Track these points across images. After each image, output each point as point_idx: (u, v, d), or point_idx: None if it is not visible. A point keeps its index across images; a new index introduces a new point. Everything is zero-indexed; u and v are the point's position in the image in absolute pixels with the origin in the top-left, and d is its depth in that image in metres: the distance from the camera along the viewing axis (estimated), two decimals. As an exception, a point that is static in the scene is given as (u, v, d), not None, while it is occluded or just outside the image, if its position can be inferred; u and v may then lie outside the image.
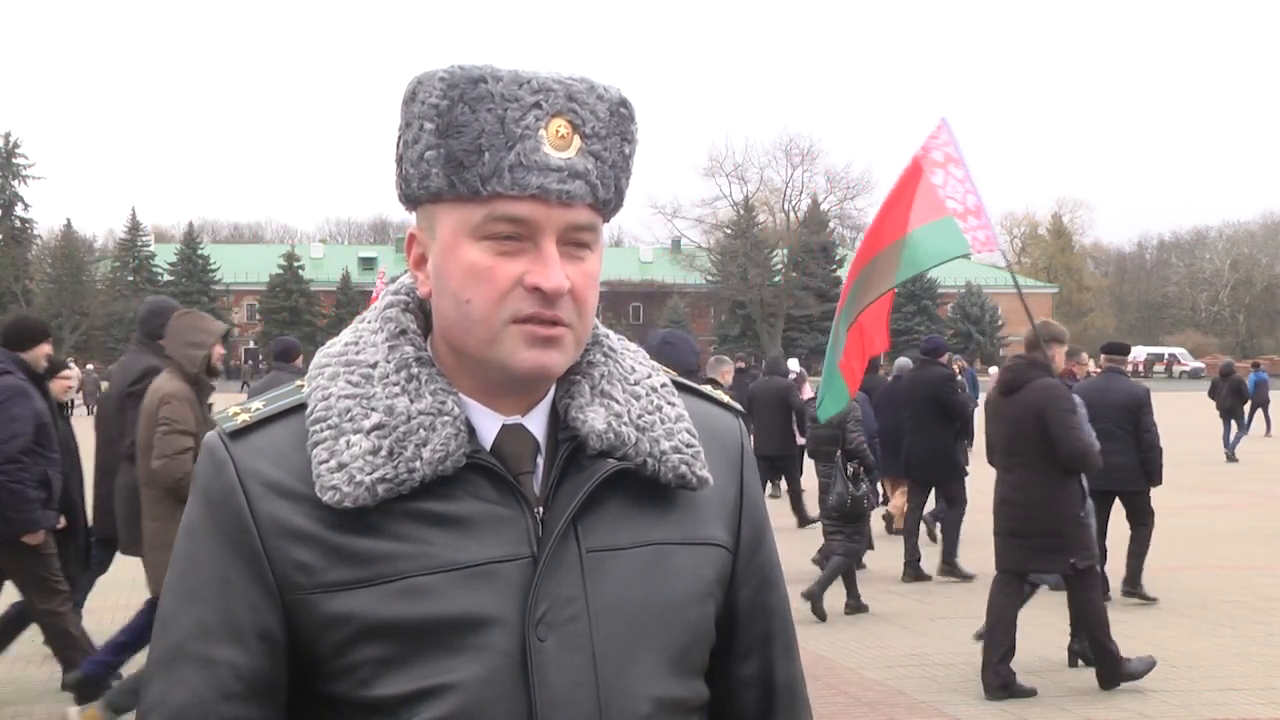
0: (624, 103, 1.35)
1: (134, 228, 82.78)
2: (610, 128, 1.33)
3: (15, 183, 77.06)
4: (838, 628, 8.86)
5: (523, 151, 1.28)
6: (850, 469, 9.26)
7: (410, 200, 1.36)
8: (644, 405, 1.40)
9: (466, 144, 1.28)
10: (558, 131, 1.30)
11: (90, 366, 49.63)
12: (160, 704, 1.30)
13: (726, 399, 1.55)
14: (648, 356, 1.48)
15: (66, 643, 6.69)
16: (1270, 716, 6.89)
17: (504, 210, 1.29)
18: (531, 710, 1.27)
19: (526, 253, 1.30)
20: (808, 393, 14.06)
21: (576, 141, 1.31)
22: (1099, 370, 10.59)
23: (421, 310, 1.41)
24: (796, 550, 11.34)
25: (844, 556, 9.39)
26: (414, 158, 1.32)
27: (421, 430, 1.30)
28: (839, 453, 9.34)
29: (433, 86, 1.30)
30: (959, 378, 12.51)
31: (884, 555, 11.35)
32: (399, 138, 1.34)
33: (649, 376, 1.44)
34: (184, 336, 6.28)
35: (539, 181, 1.28)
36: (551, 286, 1.28)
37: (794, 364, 17.51)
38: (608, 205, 1.35)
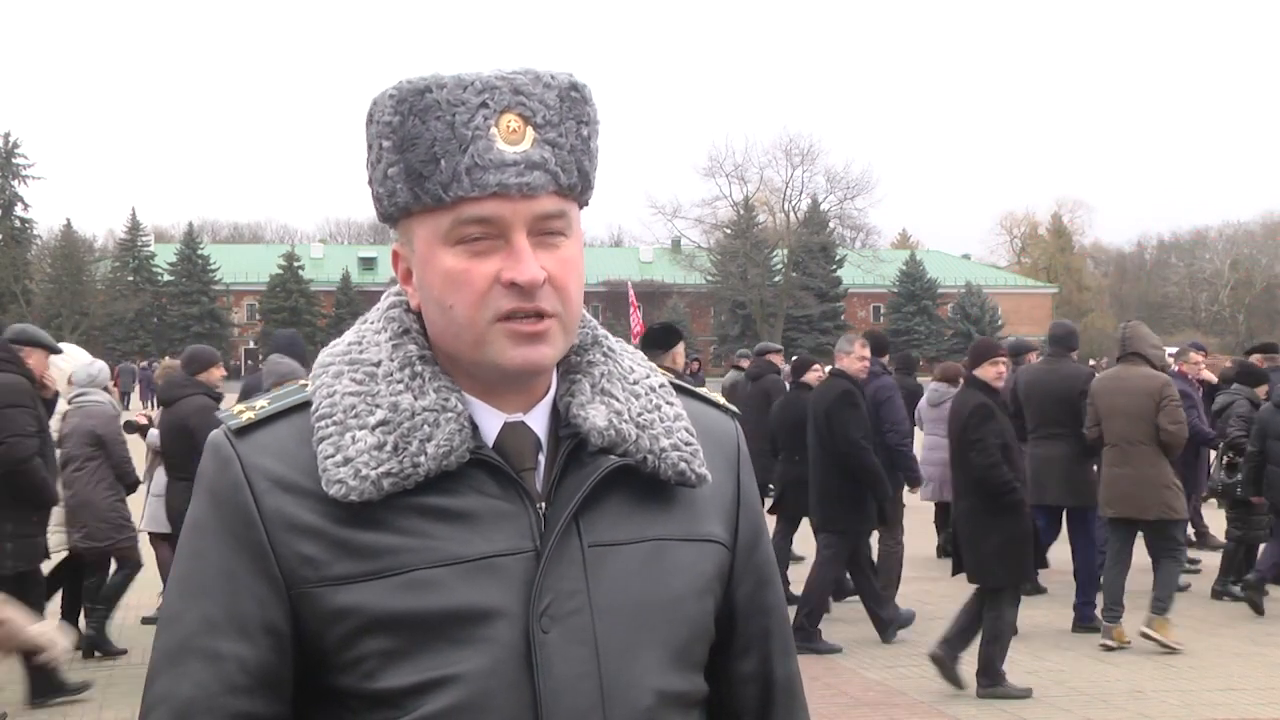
0: (574, 86, 1.36)
1: (134, 228, 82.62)
2: (563, 113, 1.34)
3: (15, 183, 76.94)
4: (837, 628, 8.87)
5: (476, 152, 1.30)
6: (1226, 458, 9.90)
7: (387, 218, 1.39)
8: (643, 404, 1.42)
9: (422, 155, 1.30)
10: (508, 126, 1.31)
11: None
12: (166, 698, 1.31)
13: (723, 400, 1.58)
14: (646, 358, 1.50)
15: None
16: (1270, 716, 6.90)
17: (469, 213, 1.31)
18: (536, 702, 1.29)
19: (499, 250, 1.32)
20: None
21: (529, 133, 1.32)
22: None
23: None
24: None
25: (1233, 542, 10.17)
26: (380, 177, 1.35)
27: (426, 426, 1.32)
28: (1221, 443, 9.88)
29: (385, 105, 1.33)
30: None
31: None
32: (366, 159, 1.37)
33: (647, 377, 1.46)
34: None
35: (497, 179, 1.30)
36: (526, 279, 1.30)
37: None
38: (574, 190, 1.36)
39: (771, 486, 12.17)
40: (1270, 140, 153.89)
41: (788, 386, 10.98)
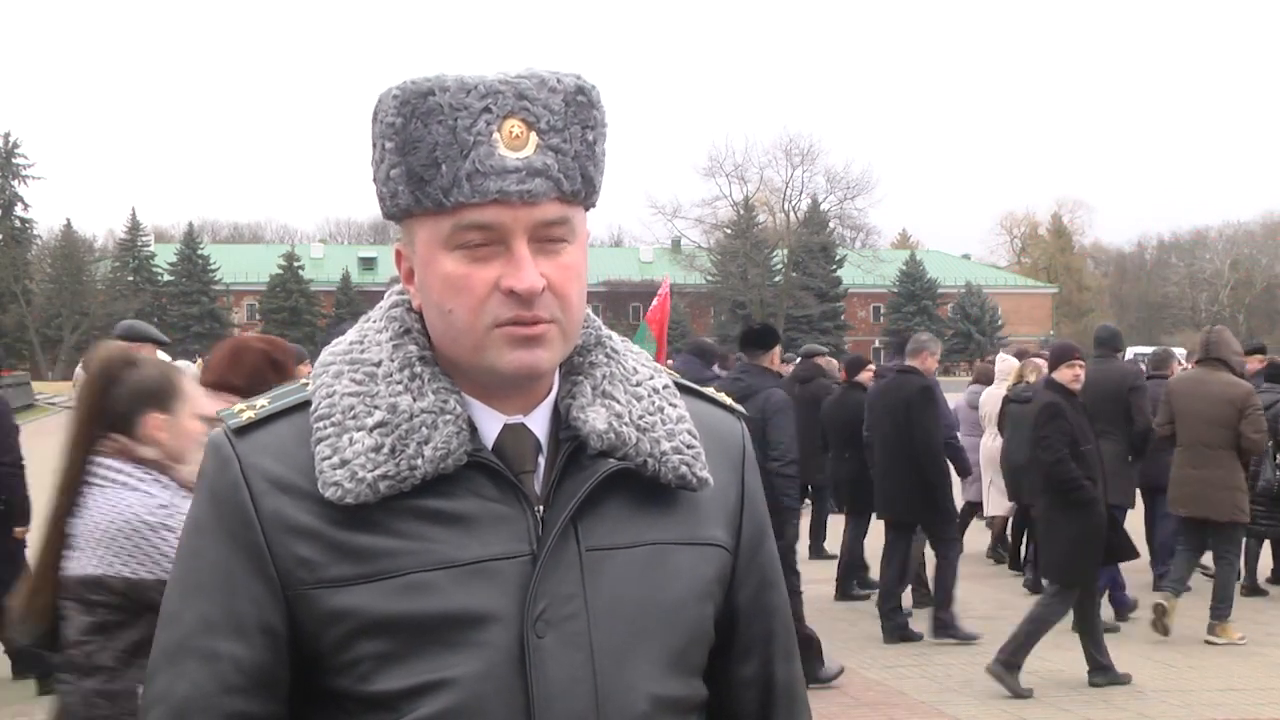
0: (581, 90, 1.34)
1: (134, 228, 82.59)
2: (568, 118, 1.32)
3: (15, 183, 76.88)
4: (837, 628, 8.87)
5: (477, 158, 1.28)
6: (1278, 455, 9.85)
7: (389, 217, 1.38)
8: (645, 406, 1.41)
9: (424, 159, 1.29)
10: (511, 132, 1.30)
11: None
12: (164, 697, 1.31)
13: (729, 401, 1.56)
14: (650, 358, 1.49)
15: None
16: (1270, 716, 6.90)
17: (470, 219, 1.30)
18: (529, 706, 1.28)
19: (499, 256, 1.31)
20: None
21: (533, 139, 1.30)
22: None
23: None
24: None
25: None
26: (383, 177, 1.34)
27: (424, 428, 1.31)
28: (1270, 442, 9.80)
29: (388, 105, 1.32)
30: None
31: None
32: (371, 157, 1.36)
33: (651, 378, 1.45)
34: None
35: (498, 185, 1.28)
36: (525, 288, 1.29)
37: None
38: (578, 196, 1.34)
39: (810, 493, 12.16)
40: (1270, 140, 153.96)
41: (834, 386, 11.08)
